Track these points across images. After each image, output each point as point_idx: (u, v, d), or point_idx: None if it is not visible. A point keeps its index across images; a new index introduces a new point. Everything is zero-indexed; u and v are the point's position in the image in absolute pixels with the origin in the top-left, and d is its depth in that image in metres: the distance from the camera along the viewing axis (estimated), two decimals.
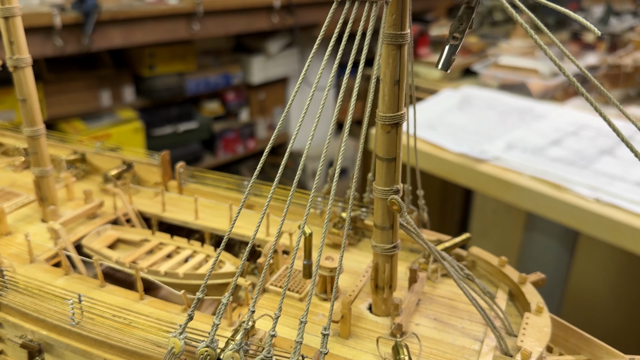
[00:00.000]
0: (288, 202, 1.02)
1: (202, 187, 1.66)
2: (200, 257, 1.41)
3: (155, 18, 4.21)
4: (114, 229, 1.51)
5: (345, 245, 1.46)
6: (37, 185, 1.47)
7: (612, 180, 2.65)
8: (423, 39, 3.77)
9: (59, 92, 4.35)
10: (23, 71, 1.36)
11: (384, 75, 1.03)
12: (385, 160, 1.08)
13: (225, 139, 5.08)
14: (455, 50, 0.98)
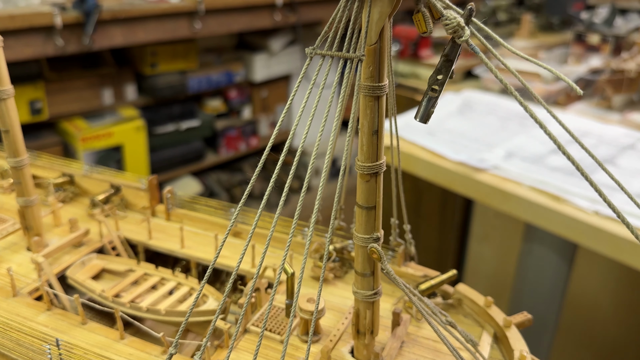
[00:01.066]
0: (269, 236, 0.99)
1: (189, 212, 1.63)
2: (185, 290, 1.39)
3: (157, 17, 4.17)
4: (99, 258, 1.48)
5: (331, 279, 1.43)
6: (22, 215, 1.45)
7: (612, 191, 2.58)
8: (425, 40, 3.71)
9: (61, 90, 4.33)
10: (5, 103, 1.34)
11: (362, 126, 0.99)
12: (364, 208, 1.05)
13: (228, 136, 5.04)
14: (434, 103, 0.95)
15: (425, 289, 1.31)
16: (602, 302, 3.37)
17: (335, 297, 1.36)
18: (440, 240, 3.85)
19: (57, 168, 1.78)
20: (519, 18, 4.15)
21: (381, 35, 0.93)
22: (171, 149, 4.83)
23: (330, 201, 1.01)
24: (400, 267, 1.40)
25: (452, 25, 0.86)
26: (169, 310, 1.30)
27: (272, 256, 1.45)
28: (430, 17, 0.90)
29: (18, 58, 3.76)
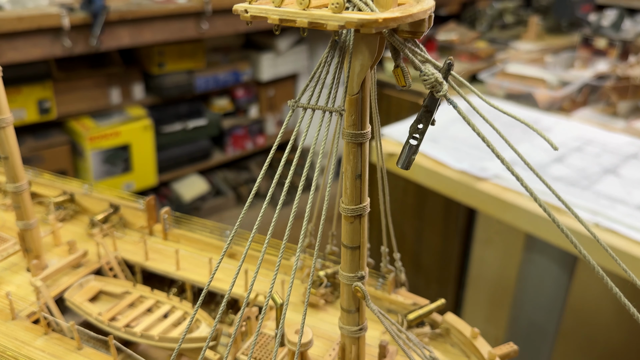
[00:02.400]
0: (258, 264, 1.01)
1: (186, 232, 1.66)
2: (179, 314, 1.42)
3: (164, 17, 4.19)
4: (97, 279, 1.52)
5: (322, 305, 1.46)
6: (22, 238, 1.48)
7: (613, 203, 2.60)
8: (430, 44, 3.70)
9: (69, 90, 4.38)
10: (5, 130, 1.36)
11: (345, 170, 1.01)
12: (349, 248, 1.07)
13: (235, 135, 5.07)
14: (415, 150, 0.96)
15: (414, 319, 1.33)
16: (604, 308, 3.38)
17: (326, 324, 1.39)
18: (444, 244, 3.86)
19: (57, 186, 1.82)
20: (526, 20, 4.12)
21: (363, 85, 0.95)
22: (178, 147, 4.87)
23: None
24: (391, 294, 1.42)
25: (430, 80, 0.87)
26: (162, 336, 1.33)
27: (265, 281, 1.48)
28: (408, 72, 0.92)
29: (26, 59, 3.80)
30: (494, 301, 3.76)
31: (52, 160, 4.37)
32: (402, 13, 0.80)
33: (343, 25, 0.78)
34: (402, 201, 3.95)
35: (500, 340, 3.58)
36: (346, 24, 0.78)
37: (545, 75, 3.46)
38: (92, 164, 4.42)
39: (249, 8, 0.84)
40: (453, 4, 5.28)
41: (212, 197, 5.12)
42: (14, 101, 4.12)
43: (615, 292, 0.90)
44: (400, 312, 1.39)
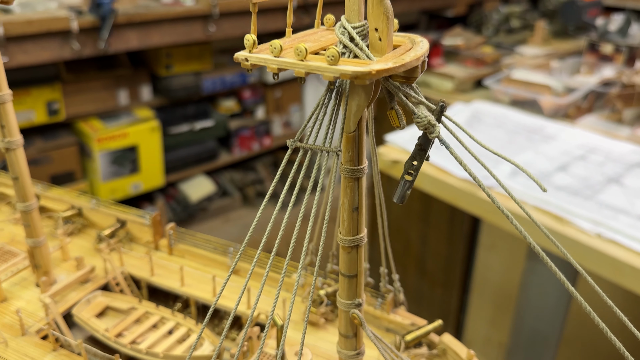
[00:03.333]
0: (260, 288, 1.05)
1: (191, 248, 1.71)
2: (183, 331, 1.47)
3: (171, 20, 4.24)
4: (104, 295, 1.57)
5: (322, 324, 1.50)
6: (31, 254, 1.53)
7: (615, 213, 2.62)
8: (436, 49, 3.73)
9: (77, 91, 4.43)
10: (15, 152, 1.41)
11: (343, 203, 1.05)
12: (347, 276, 1.11)
13: (241, 136, 5.12)
14: (410, 186, 1.00)
15: (411, 340, 1.37)
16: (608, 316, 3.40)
17: (326, 343, 1.43)
18: (449, 249, 3.89)
19: (65, 200, 1.87)
20: (533, 25, 4.13)
21: (359, 124, 0.98)
22: (185, 148, 4.92)
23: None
24: (389, 314, 1.46)
25: (423, 123, 0.91)
26: (167, 353, 1.38)
27: (268, 299, 1.52)
28: (403, 114, 0.95)
29: (36, 62, 3.86)
30: (499, 306, 3.79)
31: (61, 161, 4.44)
32: (395, 64, 0.83)
33: (338, 77, 0.82)
34: (407, 206, 3.98)
35: (504, 345, 3.62)
36: (341, 75, 0.81)
37: (551, 81, 3.47)
38: (100, 164, 4.48)
39: (249, 57, 0.88)
40: (460, 5, 5.30)
41: (219, 198, 5.17)
42: (23, 103, 4.18)
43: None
44: (398, 332, 1.43)
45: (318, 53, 0.95)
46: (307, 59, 0.84)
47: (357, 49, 0.90)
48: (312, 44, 0.97)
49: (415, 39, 1.00)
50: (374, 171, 1.24)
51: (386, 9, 0.88)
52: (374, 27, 0.90)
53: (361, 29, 0.91)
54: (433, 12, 5.50)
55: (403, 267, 4.15)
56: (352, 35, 0.90)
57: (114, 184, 4.58)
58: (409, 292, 4.21)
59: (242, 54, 0.89)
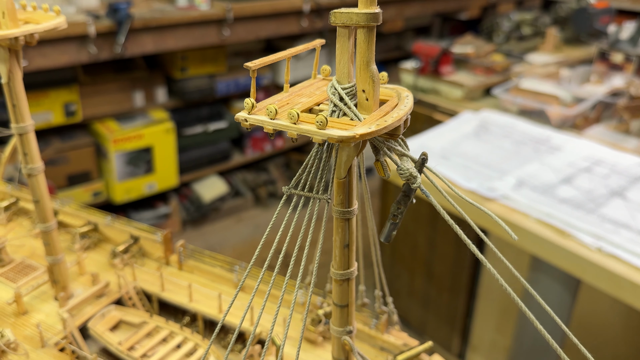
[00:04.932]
0: (261, 308, 1.17)
1: (199, 264, 1.83)
2: (190, 345, 1.59)
3: (187, 25, 4.36)
4: (117, 309, 1.70)
5: (320, 342, 1.62)
6: (50, 271, 1.66)
7: (616, 227, 2.69)
8: (446, 57, 3.80)
9: (94, 93, 4.58)
10: (36, 178, 1.54)
11: (335, 240, 1.16)
12: (339, 306, 1.22)
13: (254, 137, 5.24)
14: (395, 228, 1.10)
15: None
16: (611, 325, 3.47)
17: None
18: (456, 253, 3.98)
19: (82, 216, 2.00)
20: (544, 32, 4.19)
21: (349, 171, 1.09)
22: (199, 149, 5.05)
23: None
24: (383, 334, 1.57)
25: (405, 175, 1.01)
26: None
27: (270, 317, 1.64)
28: (388, 166, 1.06)
29: (54, 65, 4.01)
30: (505, 312, 3.88)
31: (77, 161, 4.59)
32: (378, 127, 0.94)
33: (326, 140, 0.92)
34: (416, 210, 4.08)
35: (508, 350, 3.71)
36: (328, 139, 0.92)
37: (559, 91, 3.54)
38: (115, 165, 4.63)
39: (249, 118, 0.99)
40: (473, 8, 5.35)
41: (231, 198, 5.31)
42: (41, 104, 4.34)
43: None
44: (391, 352, 1.54)
45: (312, 109, 1.06)
46: (299, 122, 0.95)
47: (346, 108, 1.00)
48: (307, 99, 1.08)
49: (401, 93, 1.10)
50: (366, 207, 1.35)
51: (372, 74, 0.98)
52: (361, 89, 1.00)
53: (350, 89, 1.02)
54: (446, 15, 5.57)
55: (411, 271, 4.26)
56: (342, 96, 1.01)
57: (129, 184, 4.73)
58: (417, 296, 4.32)
59: (242, 115, 1.00)
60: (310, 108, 1.06)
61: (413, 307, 4.34)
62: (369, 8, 0.92)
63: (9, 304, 1.68)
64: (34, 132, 1.52)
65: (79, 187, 4.58)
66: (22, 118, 1.50)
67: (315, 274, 1.14)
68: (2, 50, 1.43)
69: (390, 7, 5.07)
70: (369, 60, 0.97)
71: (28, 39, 1.42)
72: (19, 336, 1.58)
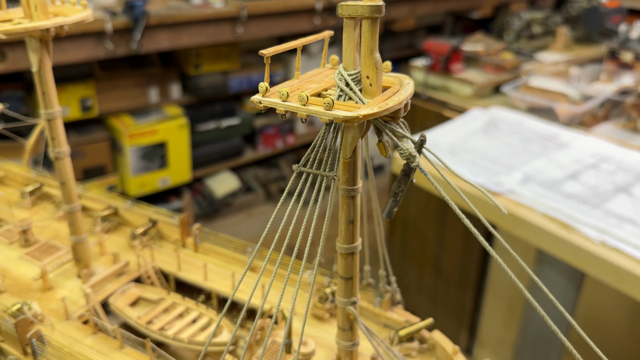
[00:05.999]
0: (270, 283, 1.28)
1: (214, 246, 1.95)
2: (205, 320, 1.71)
3: (201, 22, 4.49)
4: (137, 287, 1.82)
5: (327, 318, 1.73)
6: (74, 250, 1.79)
7: (621, 222, 2.78)
8: (456, 55, 3.90)
9: (110, 89, 4.72)
10: (63, 161, 1.66)
11: (340, 217, 1.27)
12: (344, 278, 1.33)
13: (266, 134, 5.36)
14: (396, 205, 1.21)
15: (404, 335, 1.59)
16: (616, 320, 3.55)
17: (330, 335, 1.65)
18: (465, 249, 4.08)
19: (103, 200, 2.12)
20: (555, 31, 4.27)
21: (354, 151, 1.20)
22: (212, 145, 5.18)
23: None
24: (387, 312, 1.68)
25: (405, 154, 1.12)
26: (191, 339, 1.62)
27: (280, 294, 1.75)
28: (390, 146, 1.16)
29: (71, 61, 4.15)
30: (512, 307, 3.97)
31: (93, 156, 4.74)
32: (380, 108, 1.05)
33: (332, 120, 1.04)
34: (425, 206, 4.18)
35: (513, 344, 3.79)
36: (334, 119, 1.03)
37: (568, 89, 3.62)
38: (130, 159, 4.77)
39: (263, 100, 1.10)
40: (486, 7, 5.44)
41: (243, 194, 5.43)
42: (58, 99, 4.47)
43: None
44: (394, 328, 1.65)
45: (320, 94, 1.17)
46: (308, 104, 1.06)
47: (352, 92, 1.11)
48: (316, 85, 1.19)
49: (403, 80, 1.21)
50: (370, 188, 1.46)
51: (376, 61, 1.09)
52: (365, 75, 1.11)
53: (355, 75, 1.13)
54: (459, 14, 5.66)
55: (419, 266, 4.35)
56: (348, 81, 1.12)
57: (143, 178, 4.86)
58: (425, 291, 4.42)
59: (256, 97, 1.11)
60: (318, 93, 1.17)
61: (421, 302, 4.44)
62: (373, 1, 1.03)
63: (35, 280, 1.81)
64: (61, 118, 1.65)
65: (94, 180, 4.73)
66: (50, 104, 1.63)
67: (322, 247, 1.25)
68: (34, 41, 1.55)
69: (402, 6, 5.17)
70: (373, 48, 1.08)
71: (58, 30, 1.55)
72: (44, 309, 1.70)
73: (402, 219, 4.42)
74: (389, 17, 5.05)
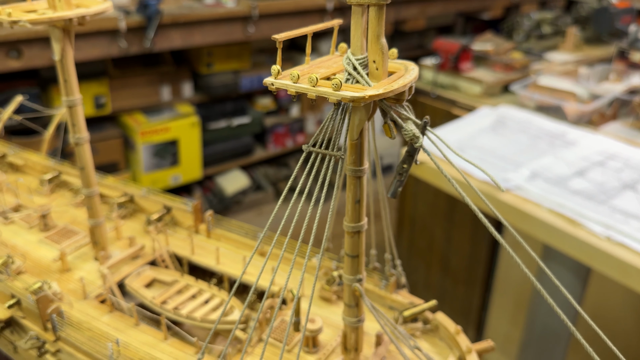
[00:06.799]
0: (277, 263, 1.36)
1: (226, 232, 2.03)
2: (217, 301, 1.79)
3: (213, 21, 4.59)
4: (151, 269, 1.90)
5: (334, 300, 1.81)
6: (92, 233, 1.88)
7: (626, 218, 2.83)
8: (466, 54, 3.97)
9: (123, 86, 4.83)
10: (82, 146, 1.76)
11: (347, 197, 1.35)
12: (350, 256, 1.41)
13: (276, 133, 5.45)
14: (401, 184, 1.28)
15: (408, 315, 1.66)
16: (622, 316, 3.60)
17: (336, 316, 1.73)
18: (472, 247, 4.14)
19: (120, 188, 2.21)
20: (564, 31, 4.33)
21: (361, 133, 1.28)
22: (223, 143, 5.28)
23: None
24: (392, 294, 1.75)
25: (409, 135, 1.20)
26: (204, 318, 1.70)
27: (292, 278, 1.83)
28: (394, 128, 1.24)
29: (86, 58, 4.26)
30: (519, 304, 4.02)
31: (106, 152, 4.85)
32: (385, 90, 1.12)
33: (340, 100, 1.12)
34: (433, 205, 4.25)
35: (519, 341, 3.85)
36: (342, 99, 1.11)
37: (576, 88, 3.68)
38: (142, 156, 4.87)
39: (275, 82, 1.18)
40: (496, 8, 5.50)
41: (253, 192, 5.52)
42: None
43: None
44: (398, 310, 1.72)
45: (330, 78, 1.25)
46: (317, 85, 1.14)
47: (359, 76, 1.19)
48: (325, 70, 1.27)
49: (408, 66, 1.29)
50: (377, 171, 1.53)
51: (382, 46, 1.17)
52: (372, 60, 1.19)
53: (362, 60, 1.21)
54: (469, 15, 5.73)
55: (427, 264, 4.42)
56: (355, 66, 1.20)
57: (155, 175, 4.97)
58: (433, 288, 4.48)
59: (269, 79, 1.19)
60: (327, 77, 1.25)
61: (429, 300, 4.50)
62: None
63: (54, 261, 1.90)
64: (82, 106, 1.74)
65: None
66: (71, 92, 1.72)
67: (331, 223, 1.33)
68: (57, 30, 1.65)
69: (412, 6, 5.25)
70: (379, 34, 1.16)
71: (80, 20, 1.64)
72: (63, 289, 1.79)
73: (410, 217, 4.49)
74: (399, 17, 5.14)
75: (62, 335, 1.63)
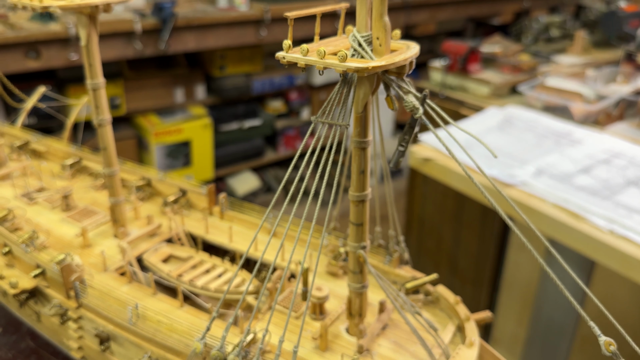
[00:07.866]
0: (281, 241, 1.47)
1: (238, 214, 2.16)
2: (230, 275, 1.91)
3: (226, 24, 4.75)
4: (168, 246, 2.03)
5: (341, 274, 1.93)
6: (112, 210, 2.01)
7: (630, 212, 2.93)
8: (474, 56, 4.10)
9: (138, 88, 5.00)
10: (105, 128, 1.90)
11: (352, 167, 1.47)
12: (355, 225, 1.53)
13: (287, 135, 5.59)
14: (402, 155, 1.41)
15: (411, 287, 1.77)
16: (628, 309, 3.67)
17: (342, 289, 1.84)
18: (480, 247, 4.23)
19: (138, 172, 2.35)
20: (573, 34, 4.45)
21: (365, 106, 1.41)
22: (234, 145, 5.43)
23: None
24: (395, 269, 1.87)
25: (409, 106, 1.32)
26: (217, 288, 1.82)
27: (298, 253, 1.95)
28: (395, 100, 1.37)
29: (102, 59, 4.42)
30: (525, 303, 4.11)
31: (120, 153, 4.92)
32: (387, 62, 1.25)
33: (345, 71, 1.24)
34: (441, 204, 4.35)
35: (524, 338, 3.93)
36: (347, 69, 1.24)
37: (583, 89, 3.79)
38: (156, 157, 5.02)
39: (286, 56, 1.31)
40: (506, 13, 5.63)
41: (263, 193, 5.65)
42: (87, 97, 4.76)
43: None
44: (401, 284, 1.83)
45: (336, 54, 1.38)
46: (325, 58, 1.27)
47: (363, 52, 1.32)
48: (332, 47, 1.40)
49: (410, 45, 1.42)
50: (381, 149, 1.66)
51: (385, 24, 1.30)
52: (376, 37, 1.32)
53: (367, 37, 1.34)
54: (479, 20, 5.86)
55: (435, 263, 4.52)
56: (360, 42, 1.33)
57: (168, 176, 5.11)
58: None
59: (281, 53, 1.32)
60: (335, 53, 1.38)
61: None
62: None
63: (76, 237, 2.03)
64: (104, 89, 1.88)
65: None
66: (96, 75, 1.86)
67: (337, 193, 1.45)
68: (84, 17, 1.79)
69: (423, 11, 5.39)
70: (383, 12, 1.29)
71: (105, 7, 1.78)
72: (84, 263, 1.92)
73: (418, 217, 4.60)
74: (409, 21, 5.27)
75: (84, 302, 1.75)
